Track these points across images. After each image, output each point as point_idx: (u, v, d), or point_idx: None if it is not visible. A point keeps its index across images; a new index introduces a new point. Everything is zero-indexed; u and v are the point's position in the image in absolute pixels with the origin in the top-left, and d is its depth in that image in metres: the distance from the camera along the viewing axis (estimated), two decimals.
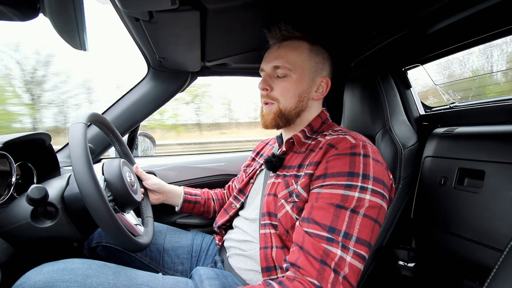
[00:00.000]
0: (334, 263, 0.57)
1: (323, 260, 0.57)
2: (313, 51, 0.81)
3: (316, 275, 0.56)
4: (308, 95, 0.82)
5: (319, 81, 0.83)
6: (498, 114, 0.94)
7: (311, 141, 0.80)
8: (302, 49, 0.80)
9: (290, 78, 0.79)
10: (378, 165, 0.66)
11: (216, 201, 1.15)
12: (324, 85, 0.83)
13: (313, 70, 0.81)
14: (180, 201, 1.06)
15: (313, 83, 0.82)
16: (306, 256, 0.59)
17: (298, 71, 0.79)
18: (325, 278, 0.56)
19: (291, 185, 0.74)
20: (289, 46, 0.81)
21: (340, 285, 0.55)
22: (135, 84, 1.35)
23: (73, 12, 0.70)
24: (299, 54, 0.80)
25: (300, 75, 0.80)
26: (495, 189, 0.82)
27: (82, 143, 0.62)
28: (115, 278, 0.64)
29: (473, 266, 0.86)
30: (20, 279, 0.60)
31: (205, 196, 1.13)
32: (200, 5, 0.73)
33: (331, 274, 0.56)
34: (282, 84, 0.80)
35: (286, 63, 0.79)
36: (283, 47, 0.81)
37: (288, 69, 0.79)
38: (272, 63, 0.81)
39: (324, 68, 0.84)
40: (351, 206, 0.61)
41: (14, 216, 0.68)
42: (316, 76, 0.82)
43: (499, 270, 0.49)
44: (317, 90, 0.83)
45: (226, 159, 1.64)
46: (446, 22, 0.83)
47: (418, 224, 1.05)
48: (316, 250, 0.58)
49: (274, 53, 0.82)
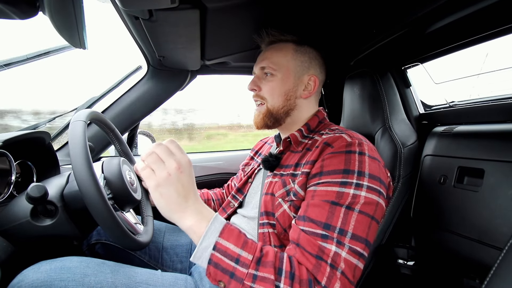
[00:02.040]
0: (330, 258, 0.56)
1: (318, 256, 0.57)
2: (298, 51, 0.85)
3: (312, 268, 0.56)
4: (295, 93, 0.85)
5: (307, 80, 0.85)
6: (498, 113, 0.94)
7: (308, 140, 0.81)
8: (287, 50, 0.85)
9: (276, 78, 0.84)
10: (374, 163, 0.66)
11: (216, 201, 1.15)
12: (312, 83, 0.86)
13: (298, 69, 0.84)
14: None
15: (299, 81, 0.85)
16: (302, 252, 0.59)
17: (283, 70, 0.83)
18: (321, 272, 0.56)
19: (288, 184, 0.75)
20: (275, 48, 0.86)
21: (337, 279, 0.55)
22: (135, 83, 1.35)
23: (72, 10, 0.70)
24: (284, 55, 0.84)
25: (285, 74, 0.83)
26: (495, 187, 0.82)
27: (82, 141, 0.62)
28: (114, 276, 0.64)
29: (472, 264, 0.87)
30: (17, 278, 0.60)
31: (204, 197, 1.13)
32: (199, 4, 0.73)
33: (327, 268, 0.56)
34: (268, 84, 0.85)
35: (271, 64, 0.84)
36: (270, 50, 0.87)
37: (273, 69, 0.84)
38: (260, 65, 0.86)
39: (311, 66, 0.86)
40: (346, 202, 0.61)
41: (13, 214, 0.68)
42: (302, 74, 0.85)
43: (499, 268, 0.49)
44: (305, 88, 0.86)
45: (224, 158, 1.64)
46: (445, 21, 0.83)
47: (418, 222, 1.05)
48: (312, 247, 0.59)
49: (262, 55, 0.88)
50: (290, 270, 0.55)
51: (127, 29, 0.95)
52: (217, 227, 0.56)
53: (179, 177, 0.55)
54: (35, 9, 0.67)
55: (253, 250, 0.56)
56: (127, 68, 1.32)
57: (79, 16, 0.72)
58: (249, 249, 0.56)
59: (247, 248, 0.56)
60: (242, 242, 0.56)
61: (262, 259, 0.55)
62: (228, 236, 0.56)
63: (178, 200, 0.55)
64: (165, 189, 0.54)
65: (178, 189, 0.55)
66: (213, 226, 0.56)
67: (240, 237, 0.57)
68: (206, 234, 0.55)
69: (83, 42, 0.78)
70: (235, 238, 0.56)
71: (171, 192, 0.54)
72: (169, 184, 0.54)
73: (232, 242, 0.55)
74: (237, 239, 0.56)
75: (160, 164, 0.55)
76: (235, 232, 0.57)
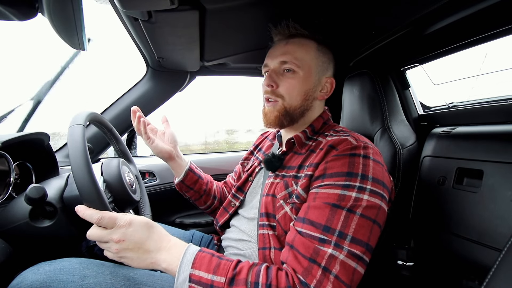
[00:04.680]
0: (324, 261, 0.56)
1: (312, 259, 0.57)
2: (320, 51, 0.81)
3: (302, 271, 0.56)
4: (314, 94, 0.81)
5: (324, 81, 0.83)
6: (497, 114, 0.94)
7: (312, 142, 0.79)
8: (310, 48, 0.80)
9: (297, 75, 0.78)
10: (378, 167, 0.66)
11: (217, 187, 1.12)
12: (328, 85, 0.83)
13: (319, 69, 0.81)
14: (186, 168, 1.01)
15: (318, 82, 0.82)
16: (295, 254, 0.59)
17: (306, 68, 0.79)
18: (311, 274, 0.55)
19: (291, 186, 0.74)
20: (298, 43, 0.80)
21: (328, 282, 0.55)
22: (134, 84, 1.35)
23: (71, 11, 0.70)
24: (307, 52, 0.79)
25: (307, 73, 0.79)
26: (494, 188, 0.83)
27: (81, 147, 0.61)
28: (113, 278, 0.64)
29: (472, 265, 0.87)
30: (16, 279, 0.60)
31: (208, 178, 1.10)
32: (199, 5, 0.74)
33: (319, 271, 0.55)
34: (288, 81, 0.79)
35: (294, 59, 0.78)
36: (291, 44, 0.80)
37: (296, 65, 0.78)
38: (279, 58, 0.79)
39: (329, 68, 0.84)
40: (348, 205, 0.60)
41: (12, 215, 0.68)
42: (322, 76, 0.82)
43: (498, 269, 0.49)
44: (322, 90, 0.83)
45: (223, 159, 1.64)
46: (444, 22, 0.83)
47: (417, 223, 1.05)
48: (307, 249, 0.58)
49: (282, 48, 0.80)
50: (266, 281, 0.56)
51: (126, 30, 0.95)
52: (189, 259, 0.59)
53: (127, 245, 0.59)
54: (34, 11, 0.67)
55: (226, 271, 0.57)
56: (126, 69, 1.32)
57: (78, 17, 0.72)
58: (221, 271, 0.57)
59: (219, 271, 0.57)
60: (214, 266, 0.58)
61: (235, 278, 0.57)
62: (200, 264, 0.58)
63: (142, 257, 0.60)
64: (124, 257, 0.60)
65: (134, 250, 0.60)
66: (185, 259, 0.59)
67: (211, 262, 0.59)
68: (179, 269, 0.58)
69: (82, 44, 0.78)
70: (207, 265, 0.58)
71: (131, 255, 0.60)
72: (123, 253, 0.59)
73: (204, 270, 0.58)
74: (208, 265, 0.58)
75: (105, 244, 0.60)
76: (207, 258, 0.60)
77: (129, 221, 0.60)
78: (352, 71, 1.17)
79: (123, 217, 0.61)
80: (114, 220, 0.59)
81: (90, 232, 0.60)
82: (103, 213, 0.59)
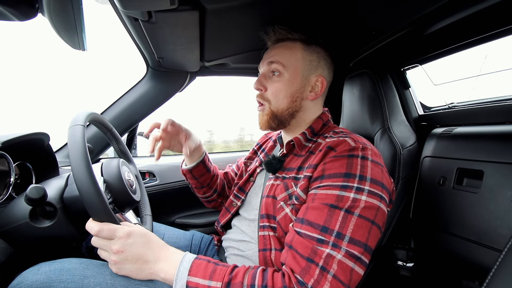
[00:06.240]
0: (322, 260, 0.56)
1: (310, 258, 0.57)
2: (307, 50, 0.82)
3: (300, 271, 0.57)
4: (301, 95, 0.82)
5: (314, 80, 0.83)
6: (497, 114, 0.94)
7: (311, 143, 0.80)
8: (296, 49, 0.82)
9: (283, 78, 0.81)
10: (377, 167, 0.66)
11: (220, 181, 1.12)
12: (319, 84, 0.83)
13: (306, 68, 0.82)
14: (199, 160, 1.00)
15: (306, 82, 0.82)
16: (294, 254, 0.60)
17: (291, 70, 0.81)
18: (309, 274, 0.56)
19: (291, 188, 0.74)
20: (284, 46, 0.83)
21: (326, 281, 0.55)
22: (134, 84, 1.35)
23: (71, 12, 0.70)
24: (293, 53, 0.81)
25: (293, 74, 0.81)
26: (494, 189, 0.83)
27: (81, 148, 0.61)
28: (113, 278, 0.64)
29: (472, 266, 0.87)
30: (16, 279, 0.60)
31: (215, 171, 1.09)
32: (199, 5, 0.73)
33: (316, 271, 0.56)
34: (274, 85, 0.82)
35: (280, 61, 0.81)
36: (278, 47, 0.83)
37: (282, 65, 0.80)
38: (267, 60, 0.83)
39: (319, 66, 0.84)
40: (346, 206, 0.60)
41: (12, 216, 0.68)
42: (310, 74, 0.82)
43: (498, 270, 0.49)
44: (312, 89, 0.83)
45: (225, 159, 1.64)
46: (444, 23, 0.83)
47: (417, 224, 1.05)
48: (304, 249, 0.59)
49: (269, 53, 0.84)
50: (262, 283, 0.57)
51: (126, 30, 0.95)
52: (185, 266, 0.60)
53: (125, 256, 0.61)
54: (35, 11, 0.67)
55: (222, 276, 0.59)
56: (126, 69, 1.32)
57: (78, 17, 0.72)
58: (217, 277, 0.59)
59: (215, 277, 0.59)
60: (210, 272, 0.59)
61: (231, 282, 0.58)
62: (196, 271, 0.60)
63: (141, 267, 0.62)
64: (122, 269, 0.62)
65: (132, 262, 0.62)
66: (182, 267, 0.60)
67: (207, 268, 0.60)
68: (177, 277, 0.59)
69: (82, 44, 0.78)
70: (203, 271, 0.60)
71: (129, 266, 0.62)
72: (122, 265, 0.61)
73: (200, 276, 0.59)
74: (204, 272, 0.59)
75: (105, 254, 0.62)
76: (203, 264, 0.61)
77: (128, 232, 0.62)
78: (352, 71, 1.17)
79: (122, 228, 0.62)
80: (114, 232, 0.61)
81: (93, 240, 0.62)
82: (103, 225, 0.61)
